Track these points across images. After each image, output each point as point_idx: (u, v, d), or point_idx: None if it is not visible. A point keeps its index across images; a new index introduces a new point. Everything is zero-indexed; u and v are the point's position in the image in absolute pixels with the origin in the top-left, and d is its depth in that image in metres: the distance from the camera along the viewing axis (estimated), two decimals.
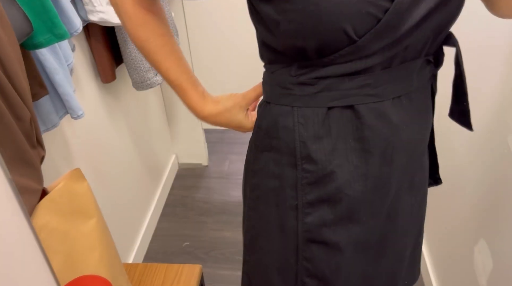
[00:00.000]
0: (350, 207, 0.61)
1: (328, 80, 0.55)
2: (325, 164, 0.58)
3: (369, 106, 0.55)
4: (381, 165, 0.59)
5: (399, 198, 0.65)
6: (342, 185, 0.59)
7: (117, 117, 1.43)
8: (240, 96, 0.66)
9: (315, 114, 0.57)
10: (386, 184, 0.61)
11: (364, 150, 0.58)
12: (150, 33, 0.60)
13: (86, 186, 0.72)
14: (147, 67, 1.32)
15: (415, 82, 0.58)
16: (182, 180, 2.10)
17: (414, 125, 0.61)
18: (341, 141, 0.58)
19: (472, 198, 1.11)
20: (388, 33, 0.50)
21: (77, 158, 1.18)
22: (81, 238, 0.70)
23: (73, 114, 0.92)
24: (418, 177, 0.67)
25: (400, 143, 0.59)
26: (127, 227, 1.56)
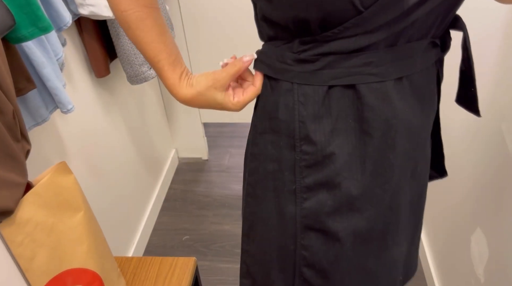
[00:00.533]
0: (349, 192, 0.58)
1: (330, 57, 0.53)
2: (324, 145, 0.56)
3: (370, 86, 0.53)
4: (382, 148, 0.57)
5: (401, 188, 0.62)
6: (341, 168, 0.57)
7: (113, 112, 1.43)
8: (213, 77, 0.60)
9: (316, 92, 0.55)
10: (388, 170, 0.58)
11: (363, 130, 0.56)
12: (131, 3, 0.56)
13: (73, 179, 0.72)
14: (141, 61, 1.31)
15: (418, 64, 0.55)
16: (182, 174, 2.10)
17: (416, 109, 0.58)
18: (341, 122, 0.55)
19: (467, 187, 1.09)
20: (395, 5, 0.48)
21: (71, 154, 1.18)
22: (68, 231, 0.70)
23: (62, 109, 0.92)
24: (420, 166, 0.64)
25: (402, 127, 0.56)
26: (127, 222, 1.57)
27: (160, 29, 0.58)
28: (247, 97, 0.62)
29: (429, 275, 1.43)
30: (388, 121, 0.55)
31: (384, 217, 0.62)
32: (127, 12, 0.56)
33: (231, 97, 0.62)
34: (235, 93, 0.63)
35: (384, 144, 0.56)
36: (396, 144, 0.57)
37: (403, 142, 0.58)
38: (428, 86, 0.60)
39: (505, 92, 0.89)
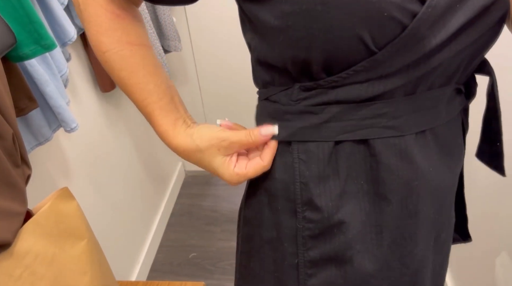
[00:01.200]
0: (363, 269, 0.48)
1: (337, 107, 0.44)
2: (332, 211, 0.47)
3: (387, 142, 0.44)
4: (402, 216, 0.47)
5: (425, 261, 0.51)
6: (353, 239, 0.47)
7: (118, 127, 1.39)
8: (220, 136, 0.48)
9: (320, 149, 0.46)
10: (409, 241, 0.48)
11: (379, 194, 0.46)
12: (113, 42, 0.48)
13: (75, 205, 0.68)
14: None
15: (443, 115, 0.47)
16: (189, 188, 2.05)
17: (442, 168, 0.48)
18: (351, 184, 0.46)
19: (494, 209, 1.04)
20: (415, 45, 0.39)
21: (75, 172, 1.14)
22: (70, 261, 0.66)
23: (66, 127, 0.88)
24: (445, 233, 0.54)
25: (426, 190, 0.47)
26: (133, 239, 1.52)
27: (149, 68, 0.49)
28: (250, 172, 0.49)
29: None
30: (409, 184, 0.46)
31: None
32: (109, 52, 0.48)
33: (231, 166, 0.49)
34: (238, 162, 0.50)
35: (405, 210, 0.47)
36: (418, 211, 0.47)
37: (427, 208, 0.48)
38: (455, 140, 0.51)
39: None
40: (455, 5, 0.38)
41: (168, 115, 0.51)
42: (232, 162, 0.49)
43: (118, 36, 0.48)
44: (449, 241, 0.56)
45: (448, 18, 0.39)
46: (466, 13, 0.39)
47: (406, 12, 0.38)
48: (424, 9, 0.38)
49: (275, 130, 0.48)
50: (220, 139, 0.48)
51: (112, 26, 0.48)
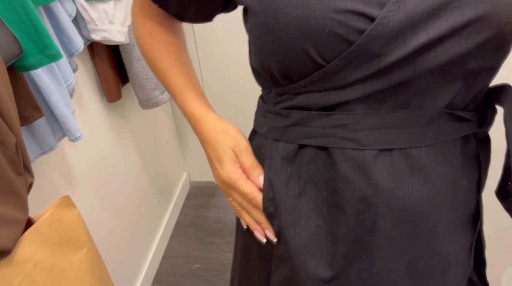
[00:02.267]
0: (315, 274, 0.49)
1: (301, 113, 0.46)
2: (290, 210, 0.48)
3: (346, 153, 0.44)
4: (358, 230, 0.46)
5: (388, 282, 0.49)
6: (307, 242, 0.48)
7: (124, 137, 1.40)
8: (244, 142, 0.53)
9: (286, 149, 0.49)
10: (366, 256, 0.47)
11: (336, 204, 0.47)
12: (156, 42, 0.58)
13: (76, 214, 0.68)
14: (153, 86, 1.29)
15: (419, 138, 0.44)
16: (194, 199, 2.05)
17: (415, 192, 0.45)
18: (311, 188, 0.48)
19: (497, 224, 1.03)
20: (368, 61, 0.40)
21: (79, 181, 1.15)
22: (70, 270, 0.66)
23: (70, 137, 0.89)
24: (424, 264, 0.49)
25: (387, 209, 0.45)
26: (137, 249, 1.52)
27: (184, 62, 0.58)
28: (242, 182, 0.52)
29: None
30: (366, 199, 0.45)
31: None
32: (152, 49, 0.58)
33: (235, 165, 0.52)
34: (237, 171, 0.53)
35: (361, 225, 0.46)
36: (377, 228, 0.46)
37: (389, 228, 0.46)
38: (443, 168, 0.46)
39: None
40: (418, 24, 0.38)
41: (201, 99, 0.57)
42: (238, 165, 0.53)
43: (159, 38, 0.58)
44: (439, 274, 0.51)
45: (408, 37, 0.38)
46: (430, 34, 0.38)
47: (351, 29, 0.39)
48: (373, 27, 0.38)
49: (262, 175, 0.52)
50: (243, 143, 0.53)
51: (155, 31, 0.58)
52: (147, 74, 1.26)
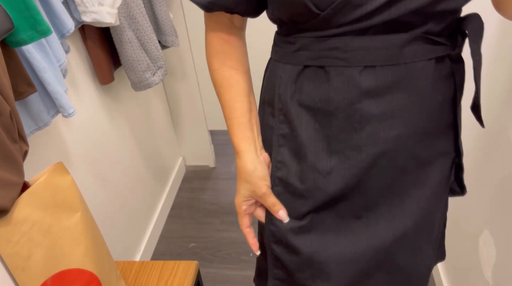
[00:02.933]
0: (313, 166, 0.61)
1: (305, 40, 0.57)
2: (293, 117, 0.60)
3: (337, 70, 0.56)
4: (347, 130, 0.58)
5: (381, 180, 0.61)
6: (306, 141, 0.60)
7: (118, 119, 1.44)
8: (263, 190, 0.64)
9: (293, 70, 0.60)
10: (356, 155, 0.59)
11: (328, 112, 0.58)
12: (219, 63, 0.65)
13: (70, 179, 0.72)
14: (144, 68, 1.32)
15: (397, 57, 0.55)
16: (189, 182, 2.10)
17: (396, 100, 0.56)
18: (309, 101, 0.59)
19: (475, 189, 1.07)
20: (352, 10, 0.51)
21: (75, 159, 1.19)
22: (65, 231, 0.70)
23: (64, 113, 0.93)
24: (402, 160, 0.61)
25: (371, 114, 0.56)
26: (134, 228, 1.57)
27: (239, 91, 0.64)
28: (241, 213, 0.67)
29: (439, 280, 1.40)
30: (352, 105, 0.56)
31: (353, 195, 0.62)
32: (215, 71, 0.65)
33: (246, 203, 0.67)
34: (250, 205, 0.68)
35: (349, 126, 0.58)
36: (363, 128, 0.57)
37: (373, 127, 0.57)
38: (419, 82, 0.57)
39: None
40: None
41: (243, 131, 0.64)
42: (249, 202, 0.66)
43: (222, 59, 0.65)
44: (421, 183, 0.63)
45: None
46: None
47: None
48: None
49: (285, 220, 0.64)
50: (260, 191, 0.64)
51: (219, 50, 0.65)
52: (137, 56, 1.30)
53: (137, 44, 1.29)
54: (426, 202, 0.65)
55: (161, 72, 1.40)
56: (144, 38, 1.32)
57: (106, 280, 0.76)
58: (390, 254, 0.66)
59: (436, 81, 0.58)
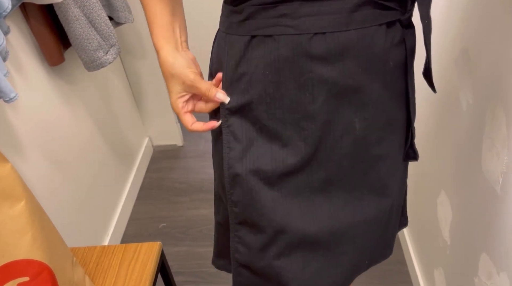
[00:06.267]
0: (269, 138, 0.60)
1: (252, 8, 0.55)
2: (244, 92, 0.58)
3: (287, 38, 0.54)
4: (300, 102, 0.57)
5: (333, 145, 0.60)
6: (259, 115, 0.59)
7: (72, 102, 1.39)
8: (189, 77, 0.61)
9: (240, 41, 0.57)
10: (310, 125, 0.58)
11: (279, 83, 0.56)
12: None
13: (9, 167, 0.68)
14: (95, 46, 1.26)
15: (347, 23, 0.53)
16: (158, 162, 2.07)
17: (348, 68, 0.55)
18: (258, 73, 0.57)
19: (432, 153, 1.09)
20: None
21: (28, 147, 1.14)
22: (8, 221, 0.67)
23: (4, 98, 0.88)
24: (365, 135, 0.60)
25: (322, 82, 0.55)
26: (100, 213, 1.54)
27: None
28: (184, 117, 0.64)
29: (404, 240, 1.44)
30: (303, 75, 0.55)
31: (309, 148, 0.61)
32: None
33: (180, 100, 0.63)
34: (188, 101, 0.64)
35: (302, 96, 0.56)
36: (315, 98, 0.56)
37: (326, 97, 0.56)
38: (370, 49, 0.55)
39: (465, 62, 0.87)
40: None
41: (163, 32, 0.61)
42: (183, 97, 0.63)
43: None
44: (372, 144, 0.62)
45: None
46: None
47: None
48: None
49: (226, 101, 0.61)
50: (188, 78, 0.60)
51: None
52: (87, 34, 1.24)
53: (85, 22, 1.23)
54: (386, 171, 0.65)
55: (114, 50, 1.34)
56: (92, 15, 1.25)
57: (59, 268, 0.74)
58: (353, 228, 0.66)
59: (388, 48, 0.57)
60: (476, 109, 0.81)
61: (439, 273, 1.09)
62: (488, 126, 0.76)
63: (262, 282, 0.68)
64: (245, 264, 0.67)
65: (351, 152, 0.61)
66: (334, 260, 0.66)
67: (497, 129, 0.72)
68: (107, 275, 0.94)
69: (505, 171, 0.70)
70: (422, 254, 1.27)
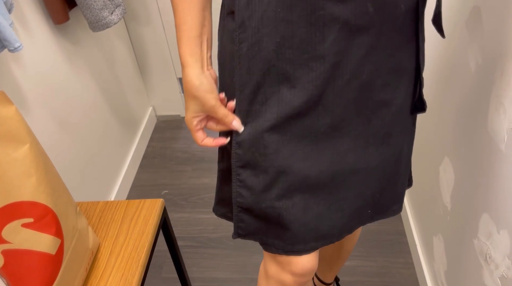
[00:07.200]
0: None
1: None
2: (255, 31, 0.57)
3: None
4: (310, 41, 0.56)
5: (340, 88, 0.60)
6: (268, 55, 0.58)
7: (76, 62, 1.38)
8: (210, 103, 0.61)
9: None
10: (319, 66, 0.57)
11: (290, 21, 0.55)
12: None
13: (14, 109, 0.68)
14: (100, 5, 1.25)
15: None
16: (161, 132, 2.07)
17: (359, 7, 0.55)
18: (271, 9, 0.56)
19: (436, 118, 1.08)
20: None
21: (33, 103, 1.14)
22: (13, 163, 0.67)
23: (9, 47, 0.87)
24: (374, 81, 0.60)
25: (332, 21, 0.55)
26: (103, 178, 1.55)
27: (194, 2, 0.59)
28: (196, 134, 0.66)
29: (404, 211, 1.45)
30: (314, 12, 0.54)
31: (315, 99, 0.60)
32: None
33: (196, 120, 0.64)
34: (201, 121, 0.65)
35: (313, 35, 0.55)
36: (326, 37, 0.55)
37: (336, 37, 0.56)
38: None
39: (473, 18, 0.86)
40: None
41: (191, 46, 0.60)
42: (199, 117, 0.64)
43: None
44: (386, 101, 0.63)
45: None
46: None
47: None
48: None
49: (240, 130, 0.63)
50: (209, 103, 0.61)
51: None
52: None
53: None
54: (390, 120, 0.65)
55: (119, 10, 1.33)
56: None
57: (63, 213, 0.75)
58: (354, 174, 0.66)
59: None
60: (485, 69, 0.80)
61: (438, 239, 1.09)
62: (496, 85, 0.75)
63: (263, 226, 0.68)
64: (247, 207, 0.67)
65: (357, 97, 0.60)
66: (335, 204, 0.67)
67: (505, 86, 0.71)
68: (110, 228, 0.95)
69: (511, 128, 0.70)
70: (421, 222, 1.27)
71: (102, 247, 0.91)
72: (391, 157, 0.68)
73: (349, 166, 0.65)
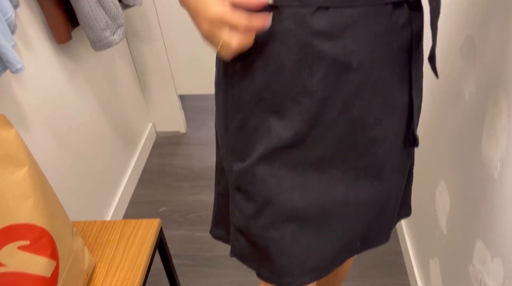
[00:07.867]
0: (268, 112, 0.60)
1: None
2: (245, 64, 0.59)
3: (291, 11, 0.54)
4: (299, 74, 0.57)
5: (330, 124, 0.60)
6: (259, 86, 0.59)
7: (78, 81, 1.40)
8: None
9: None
10: (307, 101, 0.58)
11: (281, 54, 0.56)
12: None
13: (14, 133, 0.69)
14: (103, 26, 1.27)
15: (356, 0, 0.53)
16: (160, 148, 2.08)
17: (349, 45, 0.55)
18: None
19: (432, 142, 1.09)
20: None
21: (33, 122, 1.15)
22: (11, 186, 0.68)
23: (11, 68, 0.89)
24: (364, 117, 0.60)
25: (322, 57, 0.55)
26: (101, 194, 1.55)
27: None
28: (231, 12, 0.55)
29: (401, 231, 1.45)
30: (304, 48, 0.55)
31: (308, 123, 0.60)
32: None
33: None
34: None
35: (302, 71, 0.56)
36: (314, 74, 0.56)
37: (325, 74, 0.56)
38: (373, 28, 0.55)
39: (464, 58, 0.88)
40: None
41: None
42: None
43: None
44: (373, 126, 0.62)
45: None
46: None
47: None
48: None
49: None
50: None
51: None
52: (95, 13, 1.25)
53: (94, 1, 1.24)
54: (383, 155, 0.65)
55: (121, 31, 1.35)
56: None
57: (59, 235, 0.75)
58: (344, 206, 0.66)
59: (392, 28, 0.56)
60: (478, 97, 0.82)
61: (434, 262, 1.09)
62: (489, 114, 0.77)
63: (254, 253, 0.69)
64: (240, 228, 0.68)
65: (347, 132, 0.60)
66: (324, 237, 0.67)
67: (497, 116, 0.73)
68: (106, 249, 0.95)
69: (503, 157, 0.71)
70: (418, 244, 1.27)
71: (98, 267, 0.91)
72: (382, 191, 0.68)
73: (339, 197, 0.65)
